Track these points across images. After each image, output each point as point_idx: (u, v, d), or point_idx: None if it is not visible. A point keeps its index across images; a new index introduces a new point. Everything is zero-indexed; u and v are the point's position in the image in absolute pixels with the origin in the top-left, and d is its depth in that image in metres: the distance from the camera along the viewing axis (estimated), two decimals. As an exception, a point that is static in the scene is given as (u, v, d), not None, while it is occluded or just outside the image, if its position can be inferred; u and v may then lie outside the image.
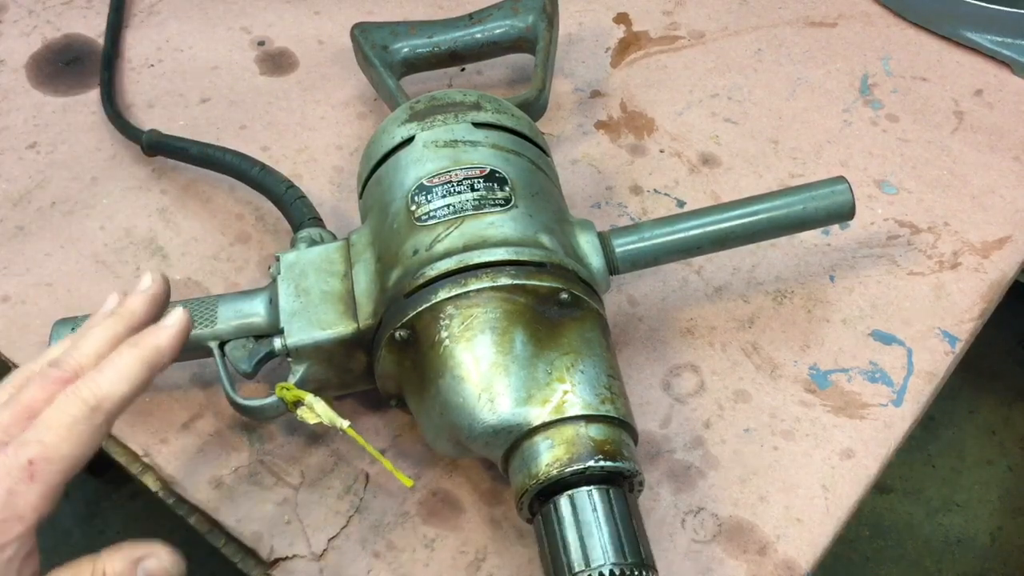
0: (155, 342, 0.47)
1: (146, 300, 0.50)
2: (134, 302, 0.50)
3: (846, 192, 0.60)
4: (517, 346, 0.51)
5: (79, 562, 0.43)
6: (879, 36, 0.82)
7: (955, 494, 1.47)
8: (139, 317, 0.49)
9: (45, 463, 0.42)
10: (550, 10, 0.73)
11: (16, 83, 0.79)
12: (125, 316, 0.49)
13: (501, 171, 0.57)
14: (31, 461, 0.41)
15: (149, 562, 0.44)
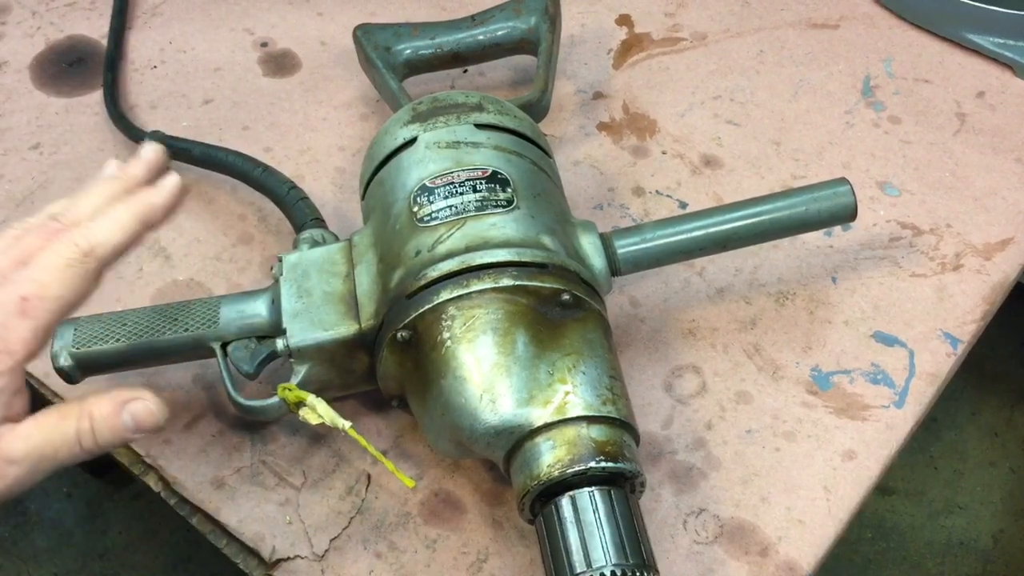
0: (149, 199, 0.48)
1: (145, 165, 0.51)
2: (134, 167, 0.51)
3: (848, 194, 0.60)
4: (519, 347, 0.51)
5: (67, 405, 0.44)
6: (881, 38, 0.83)
7: (957, 496, 1.46)
8: (137, 181, 0.50)
9: (38, 300, 0.43)
10: (552, 11, 0.73)
11: (19, 84, 0.79)
12: (124, 178, 0.50)
13: (503, 172, 0.57)
14: (24, 298, 0.43)
15: (134, 404, 0.45)
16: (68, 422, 0.44)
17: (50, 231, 0.46)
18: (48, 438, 0.43)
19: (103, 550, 1.39)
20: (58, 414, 0.44)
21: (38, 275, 0.44)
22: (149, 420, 0.45)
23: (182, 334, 0.57)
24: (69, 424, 0.44)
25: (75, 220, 0.47)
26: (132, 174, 0.51)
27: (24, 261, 0.45)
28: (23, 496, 1.43)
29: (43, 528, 1.41)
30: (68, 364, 0.55)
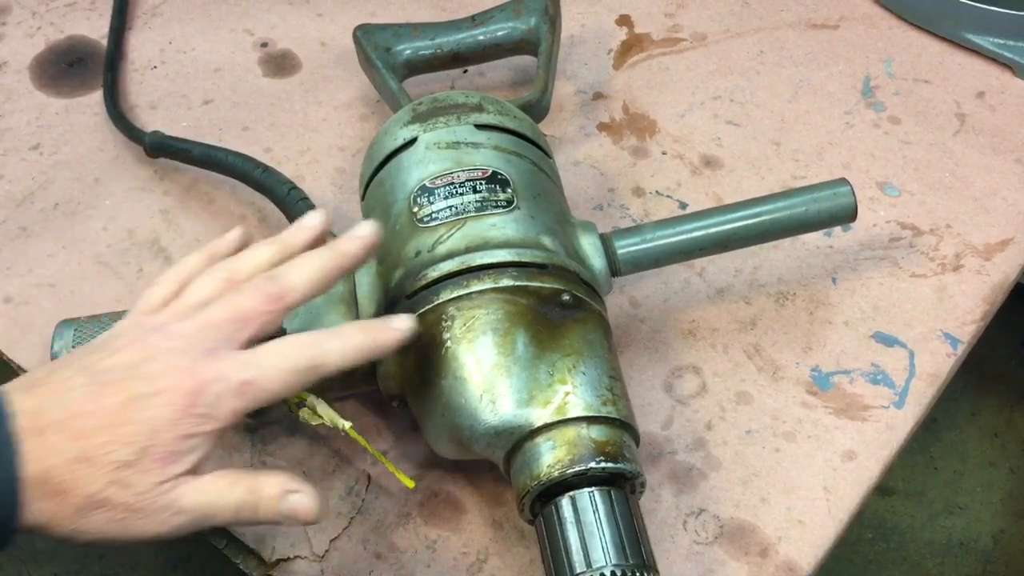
0: (384, 336, 0.49)
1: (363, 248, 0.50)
2: (350, 247, 0.50)
3: (848, 194, 0.60)
4: (519, 347, 0.51)
5: (239, 474, 0.46)
6: (881, 38, 0.83)
7: (957, 496, 1.46)
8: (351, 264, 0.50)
9: (256, 389, 0.45)
10: (552, 12, 0.73)
11: (19, 84, 0.79)
12: (341, 257, 0.50)
13: (503, 173, 0.57)
14: (245, 383, 0.45)
15: (296, 496, 0.46)
16: (236, 491, 0.46)
17: (270, 301, 0.47)
18: (215, 499, 0.45)
19: (103, 551, 1.39)
20: (231, 479, 0.46)
21: (267, 370, 0.46)
22: (304, 514, 0.47)
23: (182, 334, 0.56)
24: (237, 493, 0.46)
25: (293, 296, 0.48)
26: (348, 254, 0.50)
27: (242, 327, 0.47)
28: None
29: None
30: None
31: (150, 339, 0.46)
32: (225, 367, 0.45)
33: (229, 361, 0.45)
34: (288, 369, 0.46)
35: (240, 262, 0.50)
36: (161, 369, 0.45)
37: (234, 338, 0.46)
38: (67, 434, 0.43)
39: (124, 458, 0.43)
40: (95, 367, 0.45)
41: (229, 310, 0.47)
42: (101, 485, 0.43)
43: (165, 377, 0.44)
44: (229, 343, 0.46)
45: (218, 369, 0.45)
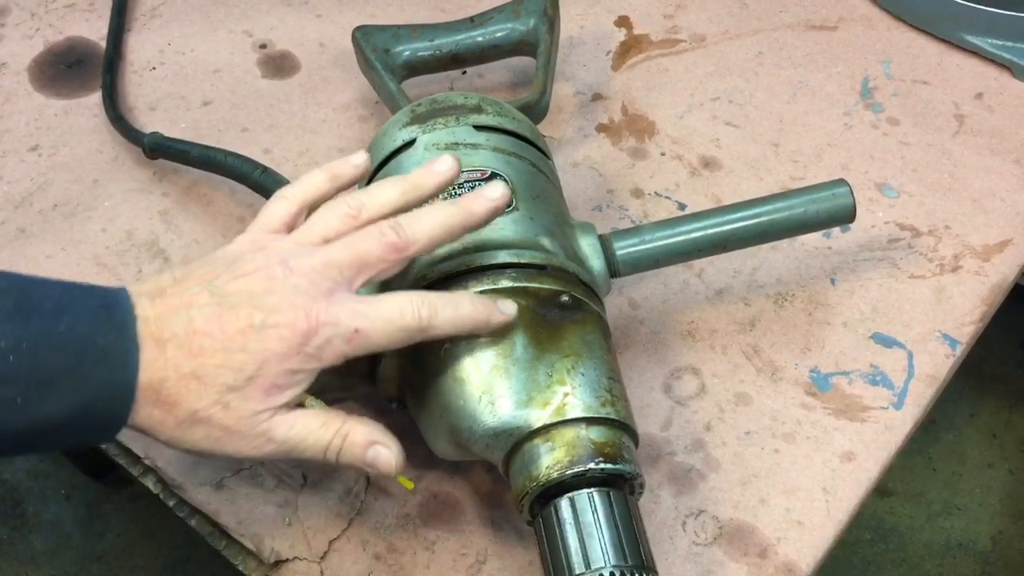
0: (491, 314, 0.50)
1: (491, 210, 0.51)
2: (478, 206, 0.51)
3: (847, 195, 0.60)
4: (518, 348, 0.51)
5: (333, 415, 0.49)
6: (880, 39, 0.83)
7: (956, 497, 1.46)
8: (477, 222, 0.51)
9: (364, 338, 0.47)
10: (551, 13, 0.73)
11: (18, 86, 0.79)
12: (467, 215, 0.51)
13: (502, 174, 0.57)
14: (357, 331, 0.47)
15: (380, 448, 0.49)
16: (326, 432, 0.49)
17: (391, 250, 0.49)
18: (305, 436, 0.48)
19: (101, 552, 1.39)
20: (323, 420, 0.49)
21: (378, 322, 0.47)
22: (385, 467, 0.50)
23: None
24: (326, 434, 0.49)
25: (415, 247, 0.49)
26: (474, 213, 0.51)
27: (361, 270, 0.48)
28: (20, 498, 1.44)
29: (41, 530, 1.41)
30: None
31: (275, 270, 0.47)
32: (340, 313, 0.47)
33: (344, 307, 0.47)
34: (399, 326, 0.48)
35: (365, 199, 0.51)
36: (281, 304, 0.46)
37: (353, 281, 0.48)
38: (185, 350, 0.45)
39: (232, 382, 0.46)
40: (221, 288, 0.47)
41: (351, 252, 0.48)
42: (206, 403, 0.46)
43: (284, 313, 0.46)
44: (347, 285, 0.48)
45: (333, 314, 0.47)
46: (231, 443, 0.47)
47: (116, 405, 0.45)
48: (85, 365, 0.44)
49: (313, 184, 0.53)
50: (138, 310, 0.46)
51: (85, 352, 0.44)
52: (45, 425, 0.43)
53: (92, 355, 0.44)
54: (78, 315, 0.44)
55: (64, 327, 0.44)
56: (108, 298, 0.46)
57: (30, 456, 1.47)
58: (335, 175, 0.53)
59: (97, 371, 0.44)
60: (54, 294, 0.45)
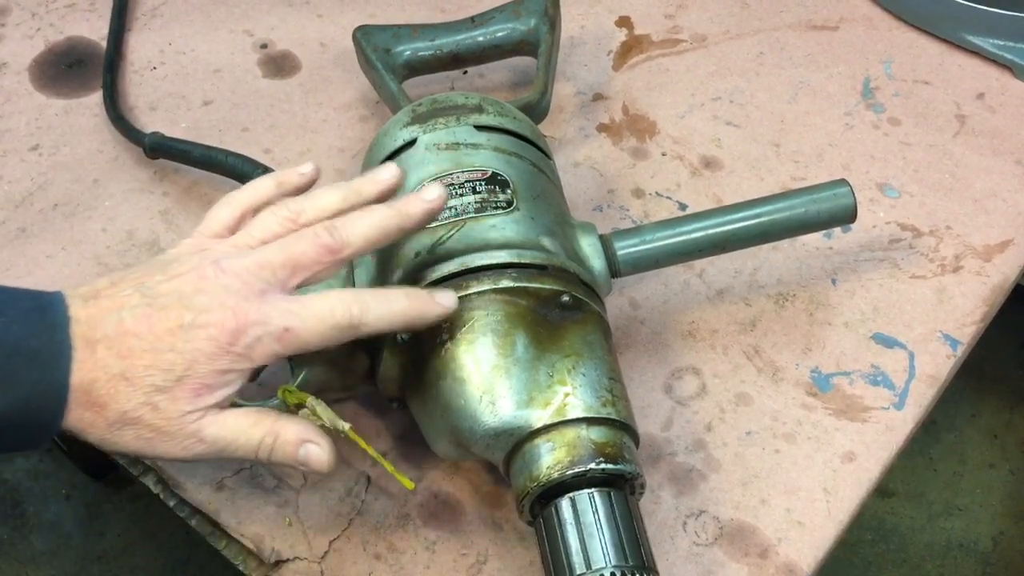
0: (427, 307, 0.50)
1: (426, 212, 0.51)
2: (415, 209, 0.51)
3: (848, 195, 0.60)
4: (518, 348, 0.51)
5: (264, 414, 0.49)
6: (881, 39, 0.83)
7: (957, 498, 1.46)
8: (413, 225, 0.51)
9: (294, 337, 0.47)
10: (552, 13, 0.73)
11: (19, 85, 0.79)
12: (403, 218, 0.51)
13: (503, 174, 0.57)
14: (287, 329, 0.47)
15: (311, 446, 0.49)
16: (257, 431, 0.49)
17: (325, 251, 0.49)
18: (236, 436, 0.48)
19: (101, 552, 1.39)
20: (254, 420, 0.49)
21: (308, 320, 0.47)
22: (317, 464, 0.49)
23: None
24: (257, 433, 0.48)
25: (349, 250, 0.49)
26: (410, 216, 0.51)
27: (295, 272, 0.48)
28: (21, 498, 1.44)
29: (42, 530, 1.41)
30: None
31: (207, 270, 0.48)
32: (270, 312, 0.47)
33: (275, 306, 0.47)
34: (329, 324, 0.47)
35: (306, 204, 0.51)
36: (211, 303, 0.47)
37: (286, 282, 0.48)
38: (115, 351, 0.46)
39: (160, 383, 0.46)
40: (153, 289, 0.47)
41: (285, 254, 0.48)
42: (135, 404, 0.46)
43: (212, 312, 0.46)
44: (280, 286, 0.48)
45: (263, 313, 0.47)
46: (161, 444, 0.47)
47: (49, 407, 0.45)
48: (18, 367, 0.44)
49: (259, 190, 0.53)
50: (72, 311, 0.46)
51: (18, 354, 0.44)
52: None
53: (24, 356, 0.44)
54: (13, 317, 0.45)
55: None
56: (43, 300, 0.47)
57: (31, 455, 1.47)
58: (282, 182, 0.54)
59: (29, 373, 0.44)
60: None
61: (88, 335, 0.46)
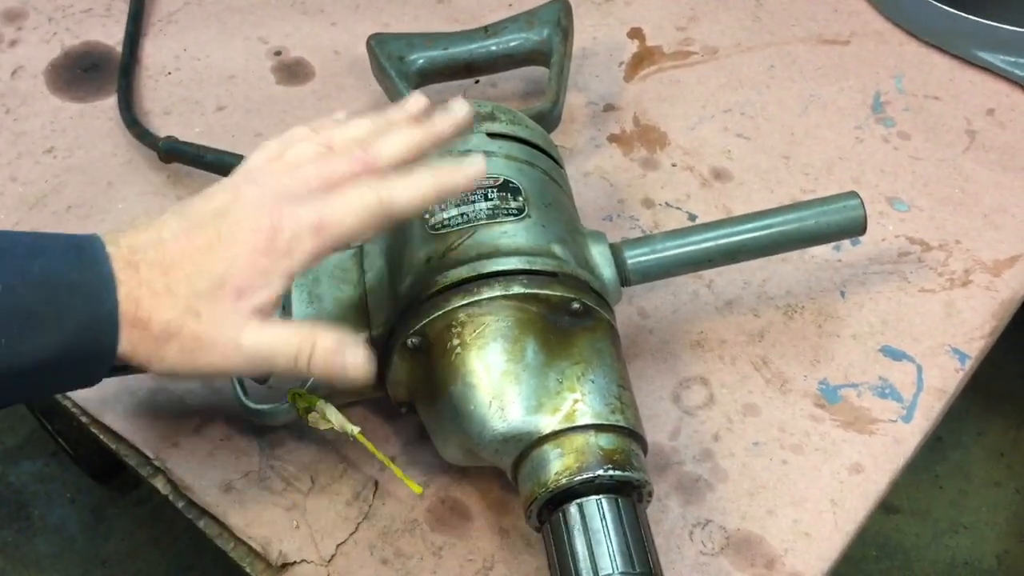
0: (453, 177, 0.50)
1: (453, 124, 0.52)
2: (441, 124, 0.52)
3: (858, 207, 0.60)
4: (528, 355, 0.51)
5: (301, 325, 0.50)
6: (891, 54, 0.83)
7: (962, 516, 1.46)
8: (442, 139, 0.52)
9: (331, 228, 0.48)
10: (565, 24, 0.73)
11: (35, 89, 0.80)
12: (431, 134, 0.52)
13: (515, 181, 0.57)
14: (321, 220, 0.48)
15: (350, 351, 0.49)
16: (295, 339, 0.48)
17: (359, 164, 0.50)
18: (274, 344, 0.48)
19: (105, 557, 1.39)
20: (292, 330, 0.49)
21: (340, 208, 0.48)
22: (355, 372, 0.49)
23: (193, 337, 0.57)
24: (295, 342, 0.48)
25: (382, 162, 0.50)
26: (439, 132, 0.52)
27: (330, 185, 0.49)
28: (26, 501, 1.44)
29: (46, 534, 1.41)
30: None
31: (242, 187, 0.49)
32: (301, 210, 0.48)
33: (307, 205, 0.48)
34: (361, 207, 0.48)
35: (338, 132, 0.52)
36: (246, 209, 0.48)
37: (321, 196, 0.49)
38: (157, 268, 0.46)
39: (201, 288, 0.46)
40: (190, 212, 0.48)
41: (319, 169, 0.49)
42: (177, 313, 0.46)
43: (248, 215, 0.47)
44: (314, 199, 0.48)
45: (295, 212, 0.47)
46: (203, 355, 0.47)
47: (102, 338, 0.45)
48: (63, 301, 0.45)
49: (296, 134, 0.54)
50: (110, 247, 0.47)
51: (62, 288, 0.45)
52: (35, 365, 0.44)
53: (69, 290, 0.45)
54: (51, 256, 0.46)
55: (38, 268, 0.45)
56: (80, 240, 0.47)
57: (36, 458, 1.48)
58: (317, 126, 0.54)
59: (77, 305, 0.45)
60: (26, 240, 0.47)
61: (129, 258, 0.46)
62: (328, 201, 0.48)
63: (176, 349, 0.47)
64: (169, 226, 0.48)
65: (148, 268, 0.46)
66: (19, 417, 1.49)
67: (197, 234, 0.47)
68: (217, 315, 0.47)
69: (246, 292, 0.47)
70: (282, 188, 0.48)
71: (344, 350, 0.49)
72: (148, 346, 0.46)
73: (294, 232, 0.47)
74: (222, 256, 0.47)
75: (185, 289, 0.46)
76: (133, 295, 0.46)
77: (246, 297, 0.47)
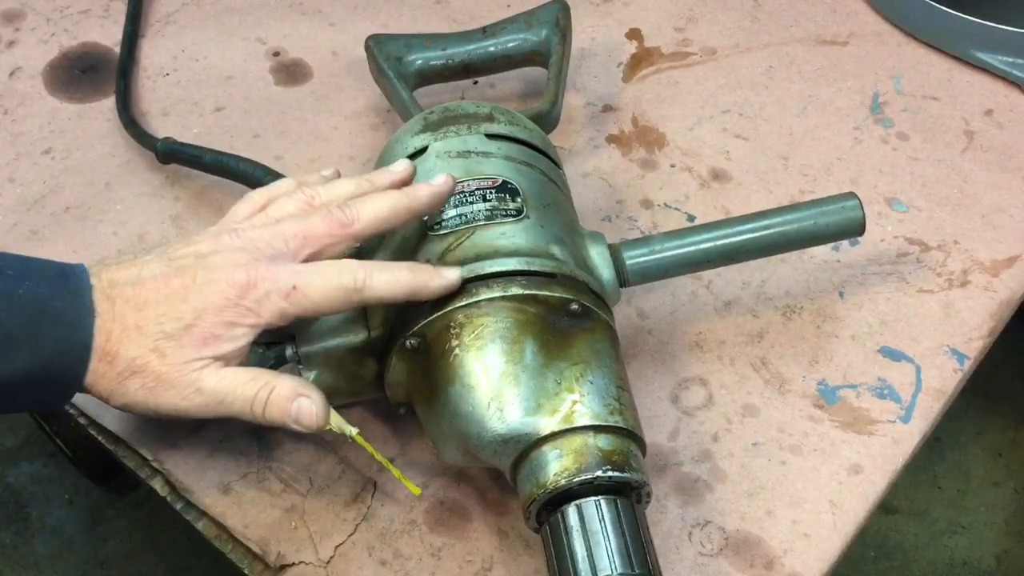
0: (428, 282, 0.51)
1: (433, 197, 0.54)
2: (423, 195, 0.54)
3: (856, 208, 0.60)
4: (527, 356, 0.51)
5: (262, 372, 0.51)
6: (890, 55, 0.83)
7: (961, 516, 1.46)
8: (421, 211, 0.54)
9: (301, 296, 0.50)
10: (563, 24, 0.73)
11: (32, 90, 0.80)
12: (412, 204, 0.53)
13: (513, 182, 0.57)
14: (295, 288, 0.49)
15: (303, 400, 0.51)
16: (253, 385, 0.50)
17: (337, 225, 0.52)
18: (233, 389, 0.50)
19: (104, 558, 1.39)
20: (252, 376, 0.51)
21: (316, 280, 0.50)
22: (308, 420, 0.51)
23: (191, 338, 0.57)
24: (253, 388, 0.50)
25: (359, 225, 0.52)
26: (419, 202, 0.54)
27: (306, 243, 0.51)
28: (24, 502, 1.44)
29: (44, 535, 1.41)
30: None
31: (223, 237, 0.51)
32: (279, 271, 0.50)
33: (284, 267, 0.50)
34: (334, 285, 0.50)
35: (321, 190, 0.54)
36: (225, 261, 0.50)
37: (298, 252, 0.51)
38: (132, 304, 0.49)
39: (169, 330, 0.49)
40: (171, 255, 0.51)
41: (298, 226, 0.52)
42: (143, 351, 0.49)
43: (225, 268, 0.49)
44: (292, 256, 0.51)
45: (273, 271, 0.50)
46: (163, 393, 0.49)
47: (73, 365, 0.47)
48: (43, 326, 0.46)
49: (279, 186, 0.56)
50: (93, 279, 0.49)
51: (43, 314, 0.47)
52: (5, 383, 0.46)
53: (50, 317, 0.47)
54: (38, 281, 0.48)
55: (24, 291, 0.47)
56: (66, 268, 0.49)
57: (35, 459, 1.47)
58: (302, 182, 0.56)
59: (54, 332, 0.47)
60: (15, 264, 0.49)
61: (108, 292, 0.49)
62: (305, 270, 0.50)
63: (138, 385, 0.49)
64: (150, 267, 0.50)
65: (123, 303, 0.49)
66: (17, 418, 1.49)
67: (174, 278, 0.49)
68: (181, 356, 0.49)
69: (210, 342, 0.49)
70: (261, 243, 0.51)
71: (299, 399, 0.50)
72: (110, 379, 0.49)
73: (266, 291, 0.49)
74: (193, 304, 0.49)
75: (154, 329, 0.49)
76: (106, 327, 0.48)
77: (210, 346, 0.49)
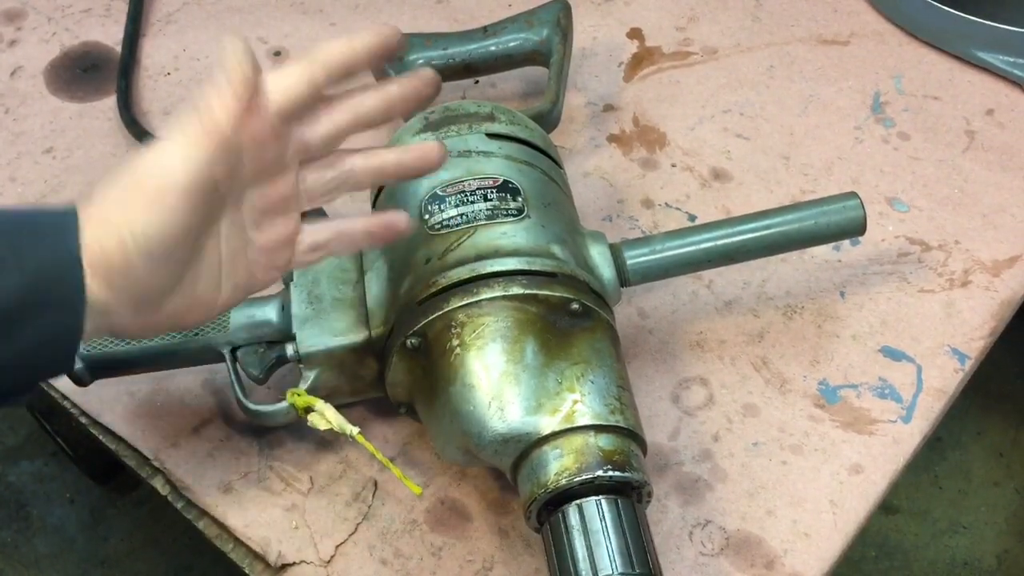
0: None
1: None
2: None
3: (857, 208, 0.60)
4: (528, 355, 0.51)
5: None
6: (891, 55, 0.83)
7: (961, 516, 1.46)
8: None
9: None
10: (564, 24, 0.73)
11: (34, 89, 0.80)
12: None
13: (514, 182, 0.57)
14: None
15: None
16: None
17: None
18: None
19: (104, 557, 1.39)
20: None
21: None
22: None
23: (192, 338, 0.57)
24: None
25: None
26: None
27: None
28: (25, 501, 1.44)
29: (45, 534, 1.41)
30: (79, 366, 0.56)
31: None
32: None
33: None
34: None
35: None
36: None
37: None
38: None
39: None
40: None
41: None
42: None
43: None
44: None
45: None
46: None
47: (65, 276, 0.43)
48: (24, 239, 0.43)
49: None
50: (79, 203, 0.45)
51: (23, 229, 0.44)
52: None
53: (30, 229, 0.44)
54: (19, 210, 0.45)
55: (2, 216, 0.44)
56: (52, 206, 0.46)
57: (35, 457, 1.48)
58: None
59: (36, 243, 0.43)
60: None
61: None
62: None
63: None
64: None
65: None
66: (18, 417, 1.49)
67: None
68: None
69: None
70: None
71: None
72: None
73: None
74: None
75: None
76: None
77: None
